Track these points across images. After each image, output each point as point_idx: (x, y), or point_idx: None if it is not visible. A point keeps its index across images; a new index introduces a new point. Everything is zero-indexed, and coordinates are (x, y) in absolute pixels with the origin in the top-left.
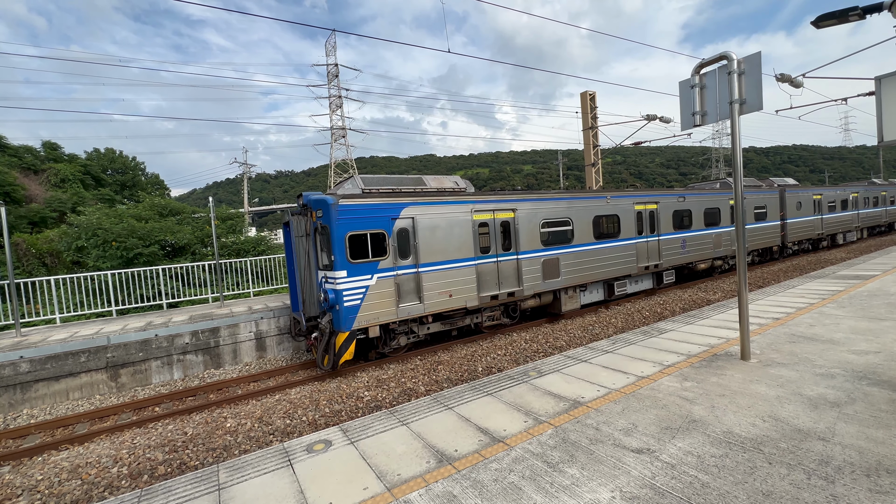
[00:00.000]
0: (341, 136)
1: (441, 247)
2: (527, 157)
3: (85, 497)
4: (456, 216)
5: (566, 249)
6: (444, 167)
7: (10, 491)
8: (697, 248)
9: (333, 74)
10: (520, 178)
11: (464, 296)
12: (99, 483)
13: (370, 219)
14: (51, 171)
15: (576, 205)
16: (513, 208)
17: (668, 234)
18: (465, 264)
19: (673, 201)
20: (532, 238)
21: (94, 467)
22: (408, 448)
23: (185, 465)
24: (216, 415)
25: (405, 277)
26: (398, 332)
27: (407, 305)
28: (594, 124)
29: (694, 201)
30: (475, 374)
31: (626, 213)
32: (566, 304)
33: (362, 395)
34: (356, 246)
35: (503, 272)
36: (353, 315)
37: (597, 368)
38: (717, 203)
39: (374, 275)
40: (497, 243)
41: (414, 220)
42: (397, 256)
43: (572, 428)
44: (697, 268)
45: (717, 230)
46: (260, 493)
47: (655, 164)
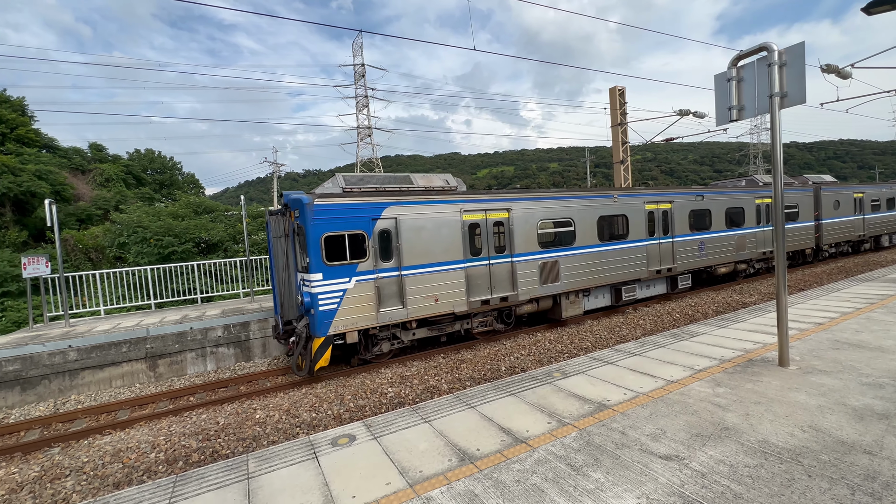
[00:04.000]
0: (367, 135)
1: (427, 249)
2: (553, 154)
3: (126, 480)
4: (443, 216)
5: (567, 252)
6: (469, 165)
7: (60, 471)
8: (717, 250)
9: (360, 74)
10: (545, 177)
11: (452, 300)
12: (138, 467)
13: (348, 219)
14: (96, 172)
15: (578, 204)
16: (507, 208)
17: (684, 235)
18: (453, 267)
19: (689, 200)
20: (528, 239)
21: (133, 452)
22: (430, 445)
23: (217, 453)
24: (246, 406)
25: (387, 281)
26: (381, 338)
27: (388, 310)
28: (623, 120)
29: (714, 200)
30: (498, 373)
31: (635, 213)
32: (567, 309)
33: (386, 391)
34: (333, 247)
35: (496, 276)
36: (329, 320)
37: (623, 371)
38: (741, 202)
39: (352, 278)
40: (489, 245)
41: (397, 221)
42: (378, 259)
43: (597, 431)
44: (717, 272)
45: (740, 231)
46: (287, 484)
47: (688, 161)
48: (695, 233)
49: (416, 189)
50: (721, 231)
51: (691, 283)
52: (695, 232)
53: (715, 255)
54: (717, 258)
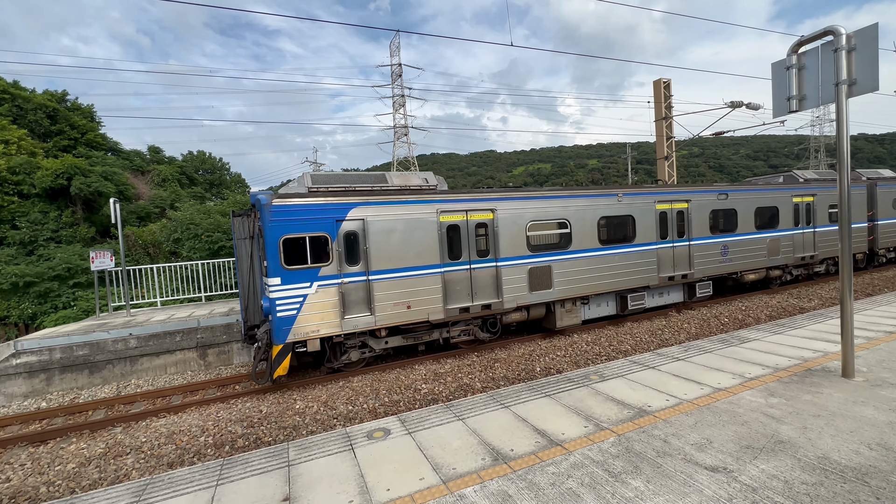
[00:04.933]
0: (403, 133)
1: (398, 252)
2: (592, 151)
3: (178, 460)
4: (417, 217)
5: (561, 256)
6: (505, 162)
7: (121, 449)
8: (745, 254)
9: (397, 74)
10: (584, 173)
11: (426, 307)
12: (189, 449)
13: (310, 220)
14: (154, 172)
15: (575, 204)
16: (491, 208)
17: (704, 238)
18: (428, 272)
19: (710, 199)
20: (516, 242)
21: (185, 435)
22: (463, 443)
23: (260, 440)
24: (287, 396)
25: (353, 286)
26: (349, 346)
27: (354, 317)
28: (668, 114)
29: (741, 199)
30: (533, 373)
31: (644, 214)
32: (562, 318)
33: (420, 387)
34: (293, 250)
35: (478, 281)
36: (288, 326)
37: (666, 376)
38: (775, 201)
39: (313, 282)
40: (470, 248)
41: (365, 222)
42: (344, 262)
43: (637, 438)
44: (745, 279)
45: (773, 234)
46: (324, 473)
47: (740, 156)
48: (717, 235)
49: (388, 188)
50: (749, 233)
51: (712, 291)
52: (717, 234)
53: (741, 261)
54: (743, 263)
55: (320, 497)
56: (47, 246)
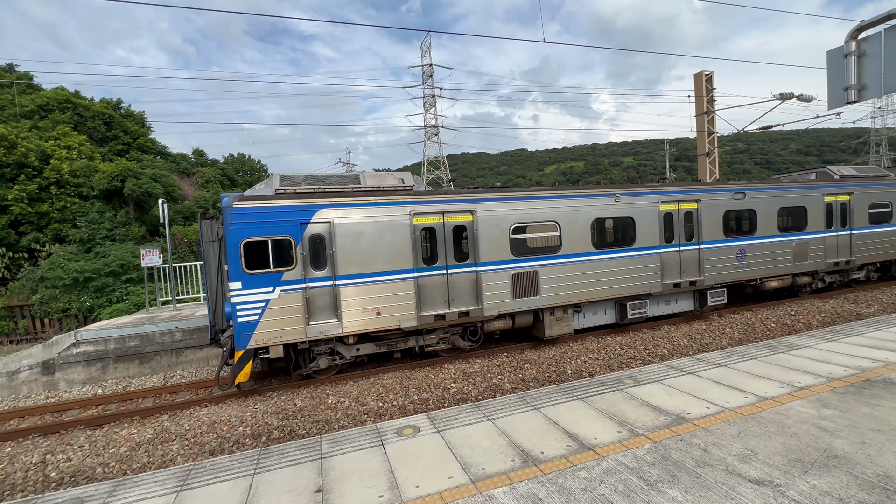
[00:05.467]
0: (434, 134)
1: (367, 256)
2: (627, 148)
3: (219, 448)
4: (388, 220)
5: (549, 261)
6: (536, 161)
7: (167, 435)
8: (765, 260)
9: (427, 74)
10: (618, 171)
11: (397, 314)
12: (229, 438)
13: (272, 223)
14: (198, 174)
15: (565, 205)
16: (470, 210)
17: (716, 241)
18: (399, 277)
19: (724, 199)
20: (498, 246)
21: (226, 424)
22: (492, 444)
23: (294, 432)
24: (319, 391)
25: (318, 291)
26: (318, 353)
27: (320, 324)
28: (710, 108)
29: (761, 198)
30: (564, 376)
31: (645, 215)
32: (552, 327)
33: (449, 386)
34: (254, 254)
35: (456, 287)
36: (249, 332)
37: (706, 382)
38: (803, 200)
39: (276, 287)
40: (447, 252)
41: (331, 225)
42: (308, 266)
43: (674, 446)
44: (766, 286)
45: (800, 237)
46: (356, 467)
47: (789, 151)
48: (731, 238)
49: (359, 190)
50: (771, 237)
51: (727, 299)
52: (731, 237)
53: (761, 266)
54: (763, 269)
55: (351, 490)
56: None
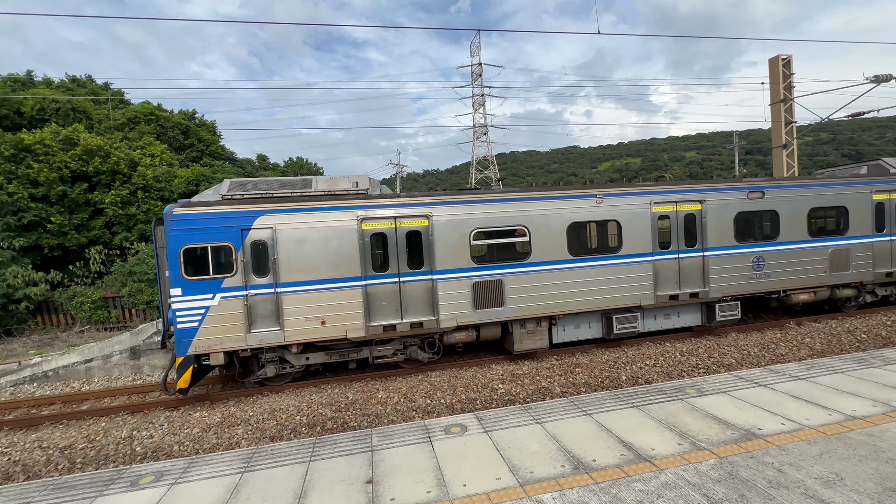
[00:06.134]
0: (482, 133)
1: (312, 263)
2: (690, 142)
3: (278, 434)
4: (335, 226)
5: (517, 269)
6: (589, 158)
7: (233, 420)
8: (790, 269)
9: (477, 74)
10: (680, 168)
11: (344, 324)
12: (287, 426)
13: (212, 230)
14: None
15: (536, 208)
16: (425, 214)
17: (726, 247)
18: (346, 285)
19: (736, 198)
20: (457, 253)
21: (284, 413)
22: (541, 447)
23: (347, 424)
24: (370, 386)
25: (260, 298)
26: (267, 361)
27: (261, 332)
28: (788, 96)
29: (785, 197)
30: (618, 382)
31: (634, 218)
32: (522, 341)
33: (496, 387)
34: (194, 261)
35: (409, 296)
36: (189, 338)
37: (781, 396)
38: (842, 198)
39: (216, 294)
40: (400, 259)
41: (274, 231)
42: (250, 273)
43: (743, 463)
44: (794, 299)
45: (838, 242)
46: (404, 462)
47: (885, 141)
48: (745, 244)
49: (307, 194)
50: (798, 242)
51: (740, 313)
52: (746, 243)
53: (785, 277)
54: (788, 280)
55: (400, 483)
56: None
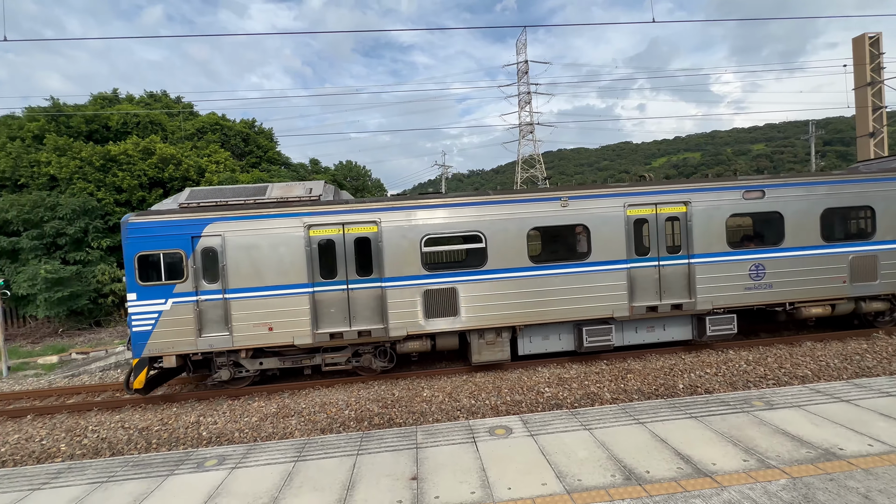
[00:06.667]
0: (529, 131)
1: (259, 270)
2: (757, 133)
3: (328, 427)
4: (282, 233)
5: (472, 277)
6: (642, 154)
7: (287, 411)
8: (799, 278)
9: (523, 72)
10: (745, 161)
11: (291, 330)
12: (336, 419)
13: (164, 237)
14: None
15: (492, 213)
16: (374, 220)
17: (716, 254)
18: (293, 292)
19: (730, 199)
20: (407, 260)
21: (334, 407)
22: (590, 454)
23: (393, 420)
24: (415, 384)
25: (209, 304)
26: (221, 365)
27: (211, 336)
28: (876, 78)
29: (792, 197)
30: (674, 390)
31: (604, 222)
32: (481, 352)
33: (543, 390)
34: (147, 267)
35: (357, 304)
36: (143, 341)
37: (868, 414)
38: (866, 196)
39: (168, 299)
40: (348, 266)
41: (223, 239)
42: (200, 279)
43: (821, 485)
44: (804, 313)
45: (861, 248)
46: (448, 461)
47: None
48: (741, 250)
49: (260, 201)
50: (808, 248)
51: (736, 327)
52: (741, 248)
53: (791, 287)
54: (796, 291)
55: (444, 482)
56: None
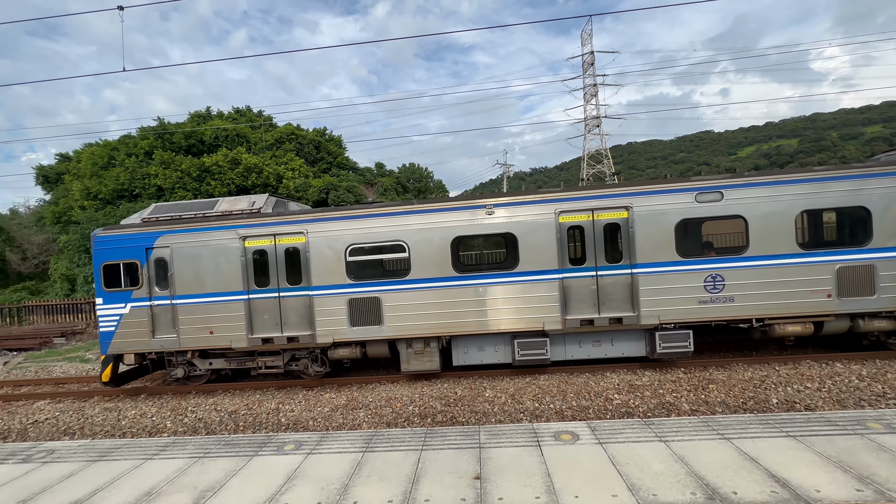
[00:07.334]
0: (595, 125)
1: (201, 278)
2: (872, 113)
3: (393, 421)
4: (220, 244)
5: (395, 286)
6: (725, 144)
7: (356, 403)
8: (767, 291)
9: (588, 63)
10: (855, 147)
11: (228, 335)
12: (402, 414)
13: (123, 249)
14: (379, 184)
15: (414, 222)
16: (301, 231)
17: (663, 263)
18: (230, 299)
19: (680, 202)
20: (333, 269)
21: (398, 402)
22: (666, 468)
23: (455, 419)
24: (478, 384)
25: (161, 309)
26: (177, 364)
27: (162, 338)
28: None
29: (758, 198)
30: (765, 405)
31: (533, 231)
32: (409, 361)
33: (612, 396)
34: (111, 275)
35: (287, 311)
36: (108, 340)
37: None
38: (857, 196)
39: (127, 304)
40: (280, 275)
41: (171, 250)
42: (154, 286)
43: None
44: (778, 331)
45: (851, 256)
46: (511, 463)
47: None
48: (694, 259)
49: (208, 215)
50: (778, 256)
51: (692, 345)
52: (694, 258)
53: (758, 301)
54: (764, 306)
55: (508, 484)
56: None
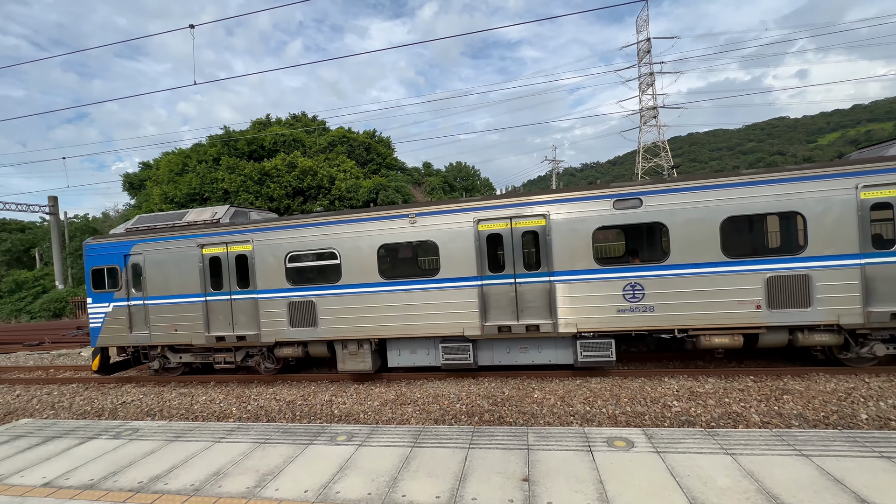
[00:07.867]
0: (651, 116)
1: (167, 282)
2: None
3: (441, 418)
4: (183, 252)
5: (327, 291)
6: (803, 131)
7: (405, 399)
8: (690, 301)
9: (644, 51)
10: None
11: (189, 332)
12: (448, 411)
13: (106, 255)
14: (426, 184)
15: (346, 230)
16: (247, 240)
17: (580, 271)
18: (190, 300)
19: (596, 209)
20: (274, 275)
21: (445, 399)
22: (733, 484)
23: (503, 419)
24: (526, 384)
25: (136, 308)
26: (154, 356)
27: (137, 334)
28: None
29: (680, 205)
30: (853, 420)
31: (453, 239)
32: (344, 361)
33: (670, 403)
34: (98, 278)
35: (238, 312)
36: (96, 335)
37: None
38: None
39: (110, 303)
40: (231, 279)
41: (143, 256)
42: (131, 288)
43: None
44: (704, 343)
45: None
46: (561, 468)
47: None
48: (611, 267)
49: (177, 225)
50: (701, 265)
51: (614, 354)
52: (612, 266)
53: (680, 312)
54: (686, 316)
55: (558, 488)
56: None
